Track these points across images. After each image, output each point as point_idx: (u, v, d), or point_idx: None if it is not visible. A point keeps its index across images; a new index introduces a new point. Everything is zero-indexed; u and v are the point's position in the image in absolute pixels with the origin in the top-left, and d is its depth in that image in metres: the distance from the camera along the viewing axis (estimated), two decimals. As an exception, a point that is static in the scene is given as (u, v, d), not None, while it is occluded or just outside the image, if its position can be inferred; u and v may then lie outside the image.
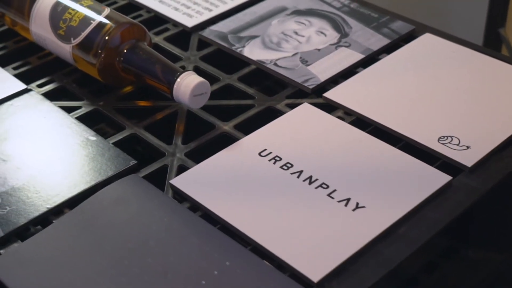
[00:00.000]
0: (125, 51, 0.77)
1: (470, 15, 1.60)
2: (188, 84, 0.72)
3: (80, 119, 0.76)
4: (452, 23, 1.44)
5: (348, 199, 0.65)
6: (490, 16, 1.49)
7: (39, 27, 0.82)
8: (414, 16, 0.94)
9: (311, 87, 0.78)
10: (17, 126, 0.75)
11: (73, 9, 0.80)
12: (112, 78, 0.79)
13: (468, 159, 0.69)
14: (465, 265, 0.76)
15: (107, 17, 0.79)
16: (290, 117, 0.75)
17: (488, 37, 1.52)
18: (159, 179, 0.69)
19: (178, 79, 0.73)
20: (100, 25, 0.78)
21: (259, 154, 0.70)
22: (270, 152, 0.70)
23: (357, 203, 0.64)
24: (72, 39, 0.79)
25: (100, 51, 0.77)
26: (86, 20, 0.79)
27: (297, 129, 0.73)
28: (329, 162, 0.69)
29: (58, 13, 0.81)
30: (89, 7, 0.80)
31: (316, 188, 0.66)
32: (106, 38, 0.77)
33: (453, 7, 1.44)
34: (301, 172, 0.68)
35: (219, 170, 0.69)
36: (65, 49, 0.80)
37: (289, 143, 0.71)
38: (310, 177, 0.67)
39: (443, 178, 0.67)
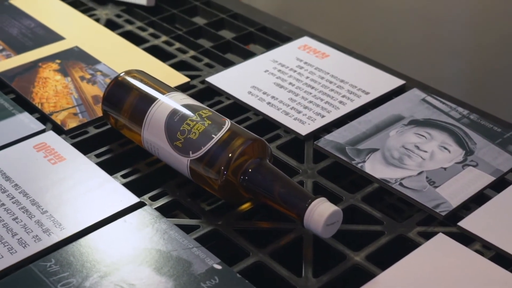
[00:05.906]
0: (249, 170, 0.73)
1: None
2: (321, 213, 0.68)
3: (199, 239, 0.72)
4: None
5: None
6: None
7: (153, 135, 0.78)
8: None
9: (443, 213, 0.74)
10: (135, 247, 0.70)
11: (191, 120, 0.76)
12: (231, 195, 0.75)
13: None
14: None
15: (228, 130, 0.75)
16: (425, 250, 0.70)
17: None
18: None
19: (310, 206, 0.69)
20: (222, 140, 0.74)
21: (400, 295, 0.65)
22: (412, 294, 0.65)
23: None
24: (190, 152, 0.75)
25: (222, 168, 0.73)
26: (206, 134, 0.75)
27: (435, 265, 0.69)
28: (476, 307, 0.64)
29: (175, 123, 0.77)
30: (208, 118, 0.76)
31: None
32: (230, 155, 0.73)
33: None
34: (449, 319, 0.63)
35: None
36: (181, 162, 0.76)
37: (429, 282, 0.67)
38: (460, 326, 0.62)
39: None
